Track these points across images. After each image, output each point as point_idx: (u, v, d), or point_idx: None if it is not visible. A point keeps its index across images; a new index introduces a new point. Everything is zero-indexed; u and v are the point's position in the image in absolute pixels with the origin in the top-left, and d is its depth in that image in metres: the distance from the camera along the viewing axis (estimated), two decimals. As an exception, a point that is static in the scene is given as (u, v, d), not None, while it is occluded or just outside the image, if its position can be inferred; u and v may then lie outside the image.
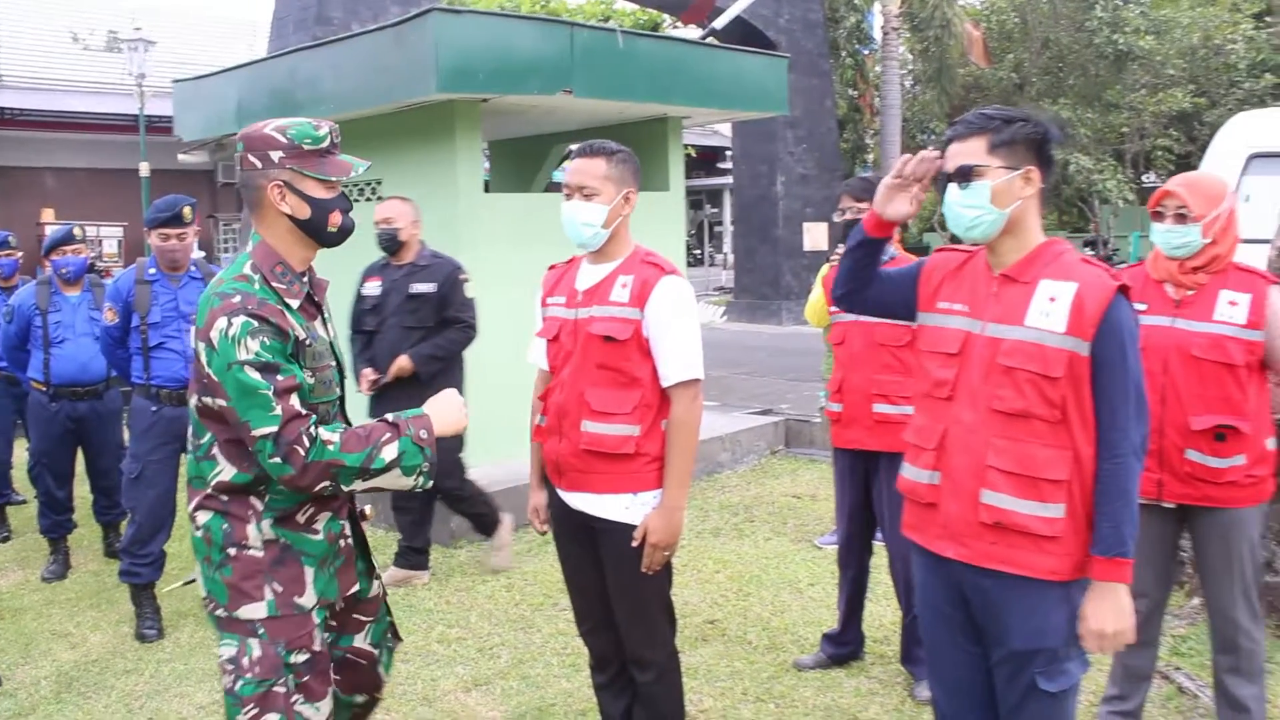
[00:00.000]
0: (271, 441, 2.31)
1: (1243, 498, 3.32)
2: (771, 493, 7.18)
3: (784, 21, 18.49)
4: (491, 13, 7.86)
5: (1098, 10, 19.12)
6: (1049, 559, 2.42)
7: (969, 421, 2.49)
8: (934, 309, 2.64)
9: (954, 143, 2.54)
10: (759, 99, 8.18)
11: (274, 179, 2.43)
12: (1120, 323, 2.39)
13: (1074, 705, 2.54)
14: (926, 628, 2.73)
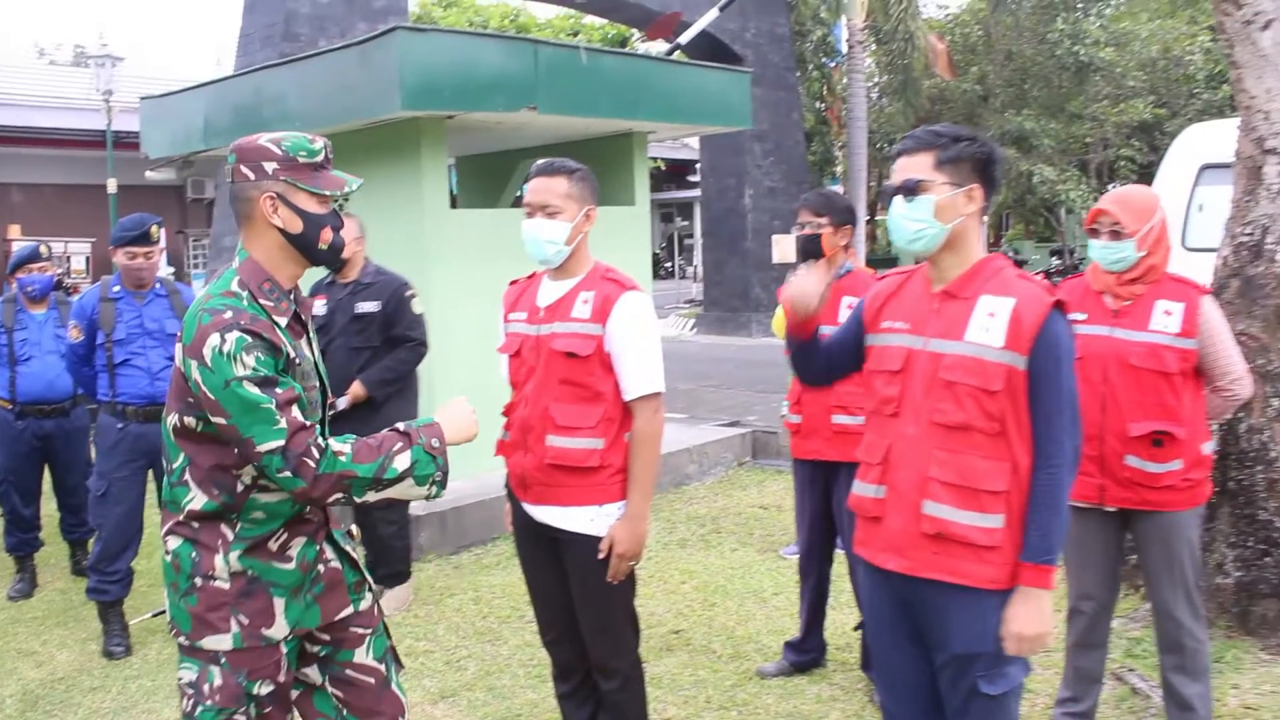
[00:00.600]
0: (279, 456, 2.25)
1: (1180, 501, 3.43)
2: (738, 504, 7.25)
3: (750, 35, 18.64)
4: (456, 31, 7.94)
5: (1059, 23, 19.40)
6: (988, 568, 2.49)
7: (912, 435, 2.55)
8: (879, 329, 2.71)
9: (902, 156, 2.61)
10: (722, 113, 8.27)
11: (267, 190, 2.37)
12: (1055, 337, 2.47)
13: (1017, 706, 2.61)
14: (874, 635, 2.80)
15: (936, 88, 20.21)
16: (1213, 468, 4.59)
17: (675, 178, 34.42)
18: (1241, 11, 4.77)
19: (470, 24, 30.59)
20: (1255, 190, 4.79)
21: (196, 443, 2.36)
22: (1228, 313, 4.72)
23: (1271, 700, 4.04)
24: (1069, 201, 19.09)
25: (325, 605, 2.51)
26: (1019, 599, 2.49)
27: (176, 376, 2.37)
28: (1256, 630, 4.54)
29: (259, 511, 2.38)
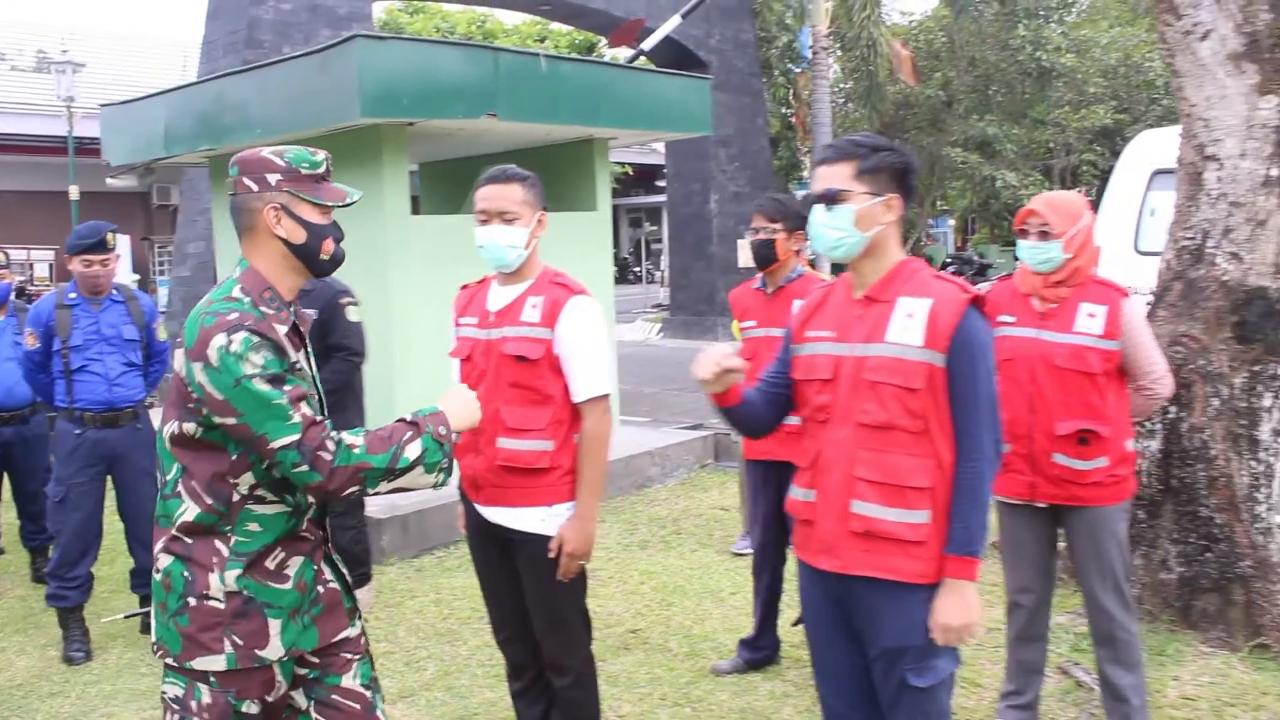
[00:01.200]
0: (295, 450, 2.24)
1: (1107, 496, 3.54)
2: (699, 505, 7.33)
3: (715, 42, 18.76)
4: (415, 39, 7.99)
5: (1021, 29, 19.61)
6: (916, 563, 2.57)
7: (840, 438, 2.62)
8: (804, 340, 2.77)
9: (823, 166, 2.67)
10: (683, 120, 8.36)
11: (270, 201, 2.38)
12: (972, 335, 2.55)
13: (947, 698, 2.68)
14: (811, 632, 2.86)
15: (901, 93, 20.36)
16: (1159, 466, 4.76)
17: (644, 183, 34.52)
18: (1181, 22, 4.90)
19: (438, 29, 30.58)
20: (1196, 196, 4.92)
21: (194, 450, 2.34)
22: (1170, 315, 4.88)
23: (1209, 691, 4.15)
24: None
25: (324, 627, 2.47)
26: (945, 591, 2.57)
27: (175, 384, 2.34)
28: (1198, 624, 4.66)
29: (254, 524, 2.35)
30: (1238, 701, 4.06)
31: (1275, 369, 4.72)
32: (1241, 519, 4.65)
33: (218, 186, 8.53)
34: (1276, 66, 4.62)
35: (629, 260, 37.08)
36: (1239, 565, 4.60)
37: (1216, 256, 4.79)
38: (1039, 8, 20.27)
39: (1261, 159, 4.66)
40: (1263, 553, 4.67)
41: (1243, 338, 4.72)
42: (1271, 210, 4.66)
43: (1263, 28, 4.64)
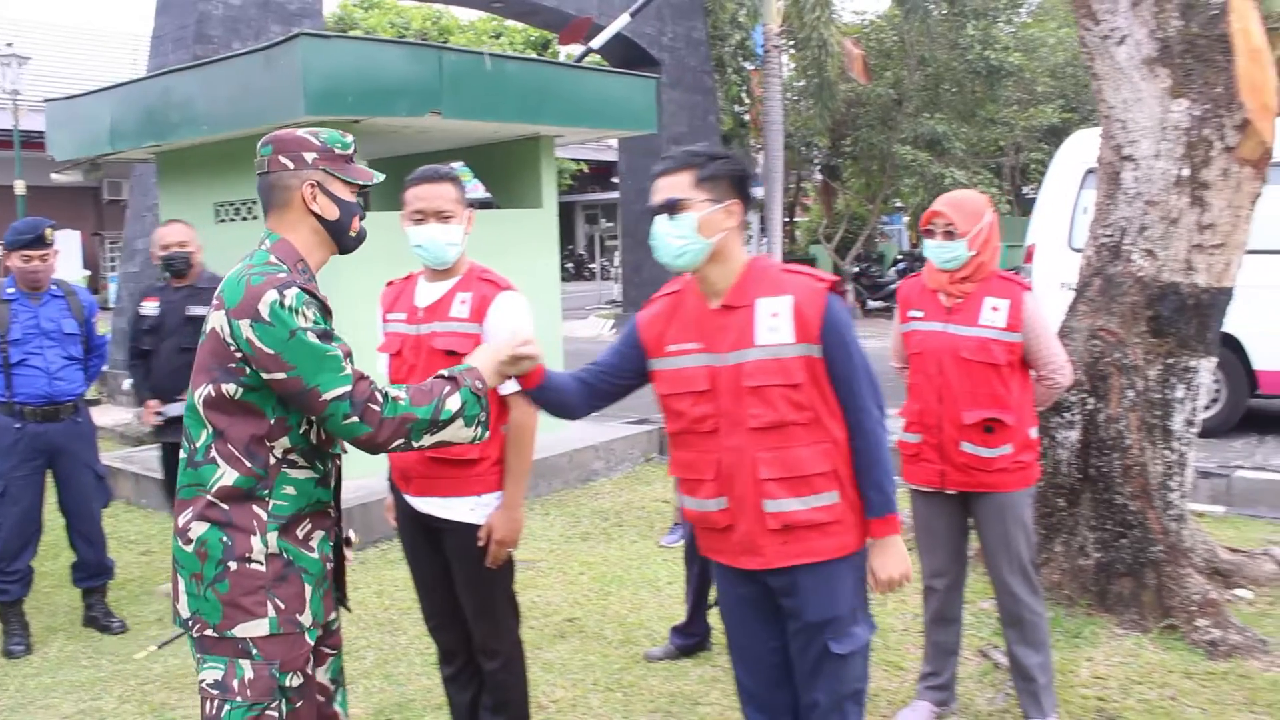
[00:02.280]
0: (347, 401, 2.30)
1: (1012, 482, 3.70)
2: (642, 498, 7.44)
3: (667, 40, 18.86)
4: (360, 37, 8.03)
5: (969, 29, 19.85)
6: (833, 539, 2.71)
7: (735, 445, 2.71)
8: (665, 353, 2.83)
9: (662, 177, 2.73)
10: (628, 118, 8.47)
11: (307, 179, 2.46)
12: (837, 318, 2.67)
13: (864, 665, 2.82)
14: (728, 617, 2.98)
15: (853, 91, 20.53)
16: (1078, 456, 4.93)
17: (599, 179, 34.60)
18: (1099, 27, 5.07)
19: (392, 25, 30.48)
20: (1115, 194, 5.10)
21: (230, 414, 2.35)
22: (1089, 309, 5.05)
23: (1119, 670, 4.32)
24: (980, 204, 19.56)
25: (326, 604, 2.51)
26: (877, 550, 2.77)
27: (211, 346, 2.36)
28: (1114, 607, 4.83)
29: (290, 487, 2.39)
30: (1145, 679, 4.23)
31: (1187, 362, 4.91)
32: (1154, 506, 4.83)
33: (165, 182, 8.53)
34: (1187, 71, 4.80)
35: (584, 257, 37.14)
36: (1151, 550, 4.78)
37: (1133, 253, 4.96)
38: (987, 8, 20.48)
39: (1174, 159, 4.84)
40: (1174, 538, 4.86)
41: (1157, 331, 4.90)
42: (1183, 209, 4.83)
43: (1174, 34, 4.81)
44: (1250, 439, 8.46)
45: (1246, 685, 4.16)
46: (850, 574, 2.76)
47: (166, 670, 4.73)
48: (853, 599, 2.77)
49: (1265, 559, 5.31)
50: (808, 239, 25.71)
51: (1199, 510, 6.72)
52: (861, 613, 2.81)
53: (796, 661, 2.84)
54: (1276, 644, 4.51)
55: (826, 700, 2.78)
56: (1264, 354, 8.30)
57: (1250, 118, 4.73)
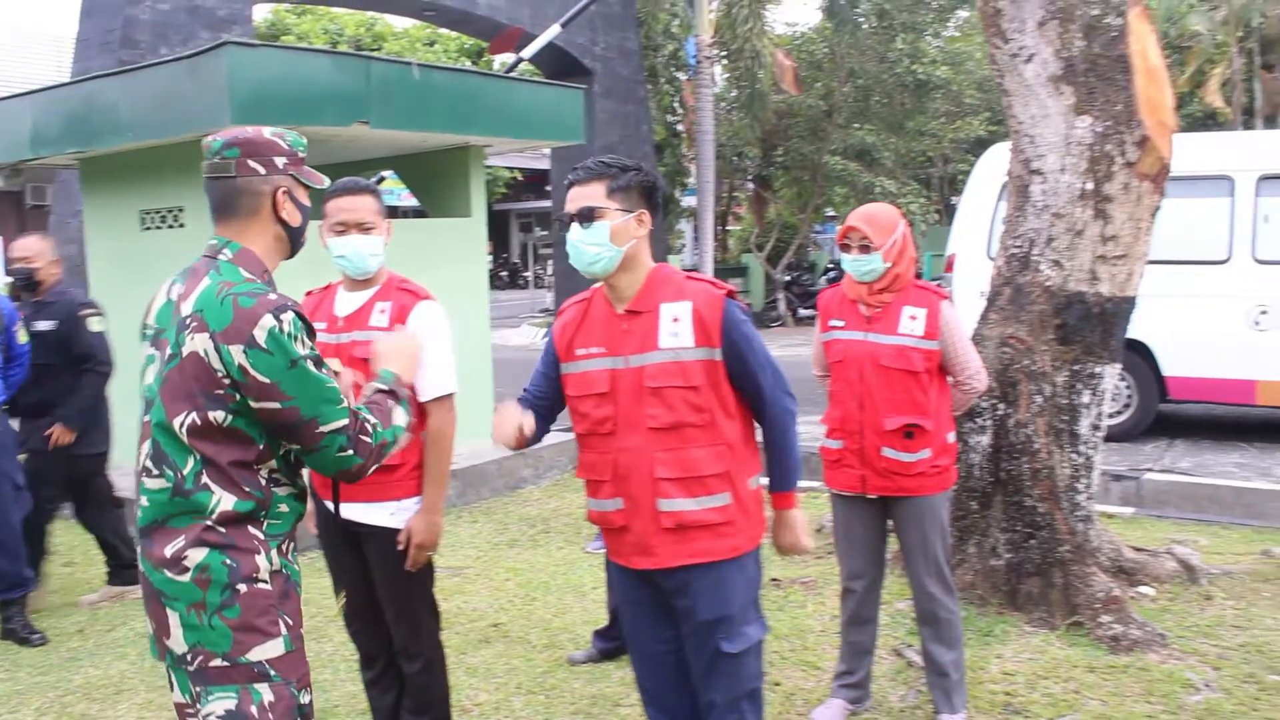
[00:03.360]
0: (344, 435, 2.25)
1: (930, 486, 3.82)
2: (570, 505, 7.51)
3: (600, 50, 18.98)
4: (287, 46, 8.05)
5: (898, 43, 20.22)
6: (725, 541, 2.81)
7: (633, 446, 2.80)
8: (574, 358, 2.93)
9: (575, 186, 2.83)
10: (556, 129, 8.54)
11: (279, 185, 2.36)
12: (736, 320, 2.79)
13: (758, 664, 2.92)
14: (627, 619, 3.07)
15: (784, 102, 20.82)
16: (990, 460, 5.08)
17: (534, 187, 34.61)
18: (1008, 45, 5.25)
19: (325, 31, 30.26)
20: (1024, 207, 5.27)
21: (217, 441, 2.24)
22: (1000, 318, 5.22)
23: (1027, 666, 4.47)
24: (909, 214, 19.93)
25: None
26: (779, 522, 2.98)
27: (193, 372, 2.22)
28: (1023, 606, 4.99)
29: (284, 505, 2.33)
30: (1050, 674, 4.39)
31: (1093, 368, 5.09)
32: (1062, 508, 5.01)
33: (89, 189, 8.45)
34: (1089, 89, 4.99)
35: (518, 265, 37.10)
36: (1059, 551, 4.95)
37: (1041, 264, 5.14)
38: (916, 22, 20.90)
39: (1079, 174, 5.02)
40: (1081, 539, 5.04)
41: (1064, 339, 5.08)
42: (1088, 221, 5.02)
43: (1077, 53, 5.00)
44: (1160, 443, 8.74)
45: (1145, 678, 4.33)
46: (740, 574, 2.86)
47: (87, 681, 4.71)
48: (744, 599, 2.86)
49: (1167, 557, 5.51)
50: (740, 248, 25.95)
51: (1109, 512, 6.96)
52: (753, 612, 2.90)
53: (692, 662, 2.93)
54: (1175, 638, 4.70)
55: (723, 700, 2.87)
56: (1173, 361, 8.59)
57: (1149, 135, 4.93)
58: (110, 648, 5.12)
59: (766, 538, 2.93)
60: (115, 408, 5.85)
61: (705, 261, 16.93)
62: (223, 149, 2.36)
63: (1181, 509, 7.13)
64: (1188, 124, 29.37)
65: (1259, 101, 27.46)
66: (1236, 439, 8.88)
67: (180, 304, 2.29)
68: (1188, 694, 4.19)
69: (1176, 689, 4.22)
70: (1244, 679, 4.32)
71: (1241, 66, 27.36)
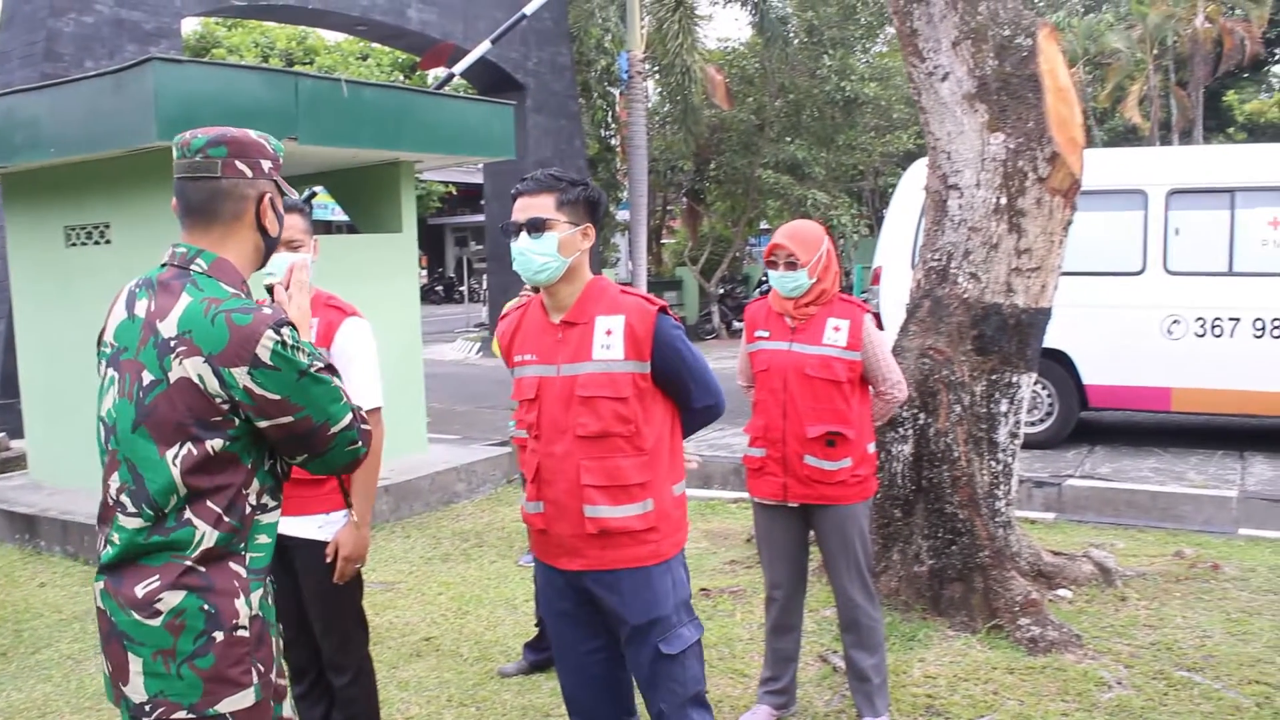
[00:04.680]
0: (354, 429, 2.20)
1: (852, 495, 3.92)
2: (503, 519, 7.54)
3: (532, 64, 19.03)
4: (214, 62, 8.02)
5: (827, 59, 20.52)
6: (649, 546, 2.88)
7: (560, 452, 2.88)
8: (513, 363, 3.04)
9: (524, 196, 2.90)
10: (486, 144, 8.58)
11: (265, 190, 2.23)
12: (667, 334, 2.88)
13: (696, 663, 2.98)
14: (553, 629, 3.11)
15: (716, 117, 21.03)
16: (912, 469, 5.21)
17: (468, 202, 34.53)
18: (925, 64, 5.40)
19: (256, 45, 29.98)
20: (941, 221, 5.42)
21: (213, 472, 2.10)
22: (920, 329, 5.35)
23: (949, 669, 4.59)
24: (840, 226, 20.21)
25: None
26: None
27: (185, 398, 2.08)
28: (946, 610, 5.11)
29: (262, 535, 2.19)
30: (971, 676, 4.51)
31: (1010, 377, 5.24)
32: (981, 514, 5.14)
33: (11, 204, 8.32)
34: (1002, 107, 5.15)
35: (454, 279, 36.97)
36: (979, 556, 5.08)
37: (958, 276, 5.29)
38: (844, 38, 21.22)
39: (993, 189, 5.18)
40: (1000, 544, 5.18)
41: (981, 350, 5.23)
42: (1002, 235, 5.17)
43: (990, 73, 5.16)
44: (1082, 450, 8.97)
45: (1061, 677, 4.47)
46: (668, 577, 2.92)
47: (9, 705, 4.65)
48: (674, 601, 2.93)
49: (1085, 561, 5.67)
50: (674, 261, 26.11)
51: (1032, 517, 7.16)
52: (686, 614, 2.96)
53: (634, 672, 2.99)
54: (1090, 638, 4.85)
55: (670, 708, 2.93)
56: (1093, 370, 8.84)
57: (1059, 151, 5.10)
58: (34, 670, 5.05)
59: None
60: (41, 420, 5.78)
61: (639, 275, 17.01)
62: (206, 146, 2.19)
63: (1101, 513, 7.35)
64: (1109, 138, 30.21)
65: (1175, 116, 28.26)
66: (1153, 444, 9.15)
67: (155, 323, 2.13)
68: (1101, 692, 4.33)
69: (1090, 687, 4.37)
70: (1154, 676, 4.47)
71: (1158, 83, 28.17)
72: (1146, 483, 7.69)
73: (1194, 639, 4.88)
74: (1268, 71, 34.02)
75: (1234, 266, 8.48)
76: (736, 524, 7.01)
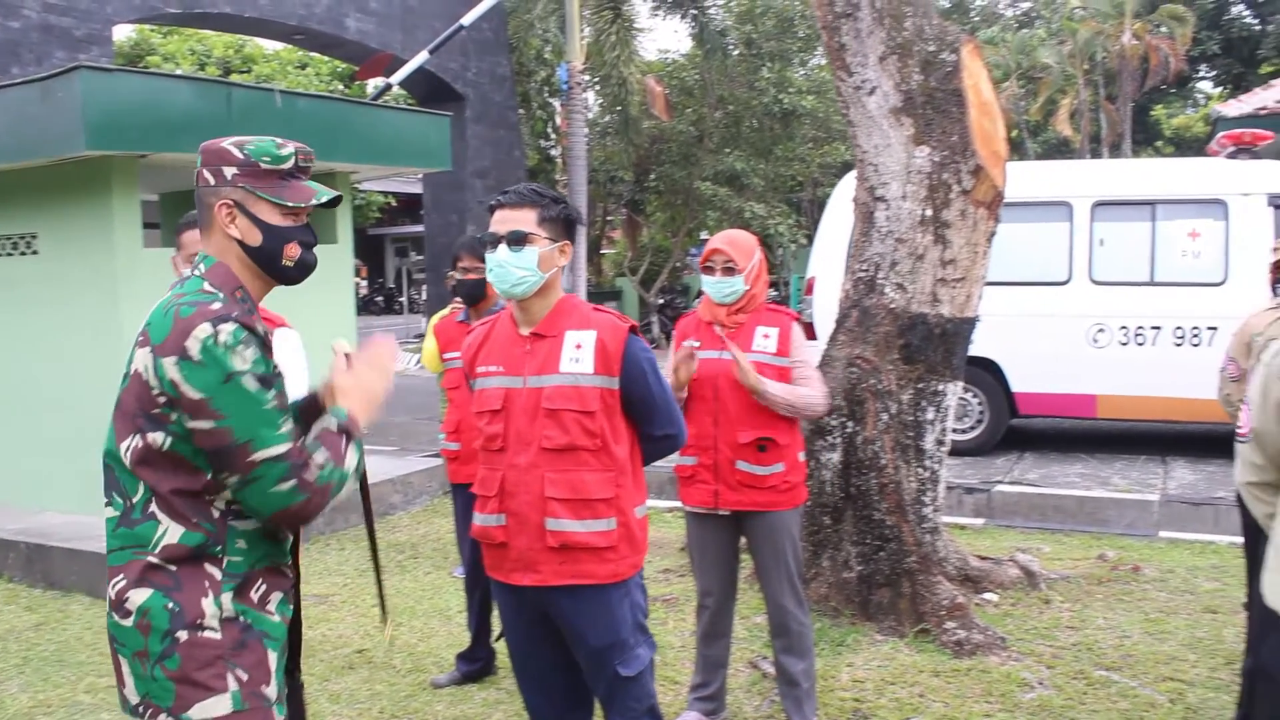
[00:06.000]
0: (284, 463, 2.00)
1: (783, 501, 3.98)
2: (439, 530, 7.53)
3: (472, 75, 19.03)
4: (144, 71, 7.93)
5: (765, 72, 20.72)
6: (608, 565, 2.90)
7: (524, 463, 2.89)
8: (476, 374, 3.04)
9: (505, 209, 2.92)
10: (422, 155, 8.59)
11: (224, 197, 2.16)
12: (637, 354, 2.92)
13: (651, 679, 3.03)
14: (512, 638, 3.11)
15: (656, 128, 21.14)
16: (840, 476, 5.29)
17: (409, 212, 34.34)
18: (853, 78, 5.49)
19: (193, 52, 29.60)
20: (869, 232, 5.52)
21: (160, 468, 2.06)
22: (848, 339, 5.44)
23: (877, 673, 4.67)
24: (778, 236, 20.39)
25: None
26: None
27: (135, 389, 2.06)
28: (875, 615, 5.20)
29: (241, 540, 2.10)
30: (898, 680, 4.59)
31: (936, 386, 5.35)
32: (909, 520, 5.24)
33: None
34: (927, 121, 5.26)
35: (394, 290, 36.73)
36: (907, 561, 5.17)
37: (885, 287, 5.38)
38: (782, 50, 21.43)
39: (919, 201, 5.28)
40: (927, 549, 5.28)
41: (908, 359, 5.32)
42: (928, 246, 5.28)
43: (915, 87, 5.27)
44: (1011, 456, 9.14)
45: (985, 679, 4.56)
46: (626, 599, 2.95)
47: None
48: (631, 622, 2.96)
49: (1010, 565, 5.79)
50: (615, 272, 26.17)
51: (962, 523, 7.29)
52: (642, 635, 3.01)
53: (591, 685, 3.03)
54: (1015, 640, 4.96)
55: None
56: (1021, 378, 9.01)
57: (983, 164, 5.22)
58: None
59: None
60: None
61: (579, 285, 17.03)
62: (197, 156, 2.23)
63: (1029, 518, 7.50)
64: (1042, 150, 30.81)
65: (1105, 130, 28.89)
66: (1080, 450, 9.35)
67: None
68: (1023, 692, 4.43)
69: (1013, 688, 4.47)
70: (1074, 676, 4.59)
71: (1089, 97, 28.78)
72: (1073, 488, 7.85)
73: (1114, 639, 5.01)
74: (1193, 88, 34.91)
75: (1155, 276, 8.70)
76: (672, 533, 7.06)
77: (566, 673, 3.06)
